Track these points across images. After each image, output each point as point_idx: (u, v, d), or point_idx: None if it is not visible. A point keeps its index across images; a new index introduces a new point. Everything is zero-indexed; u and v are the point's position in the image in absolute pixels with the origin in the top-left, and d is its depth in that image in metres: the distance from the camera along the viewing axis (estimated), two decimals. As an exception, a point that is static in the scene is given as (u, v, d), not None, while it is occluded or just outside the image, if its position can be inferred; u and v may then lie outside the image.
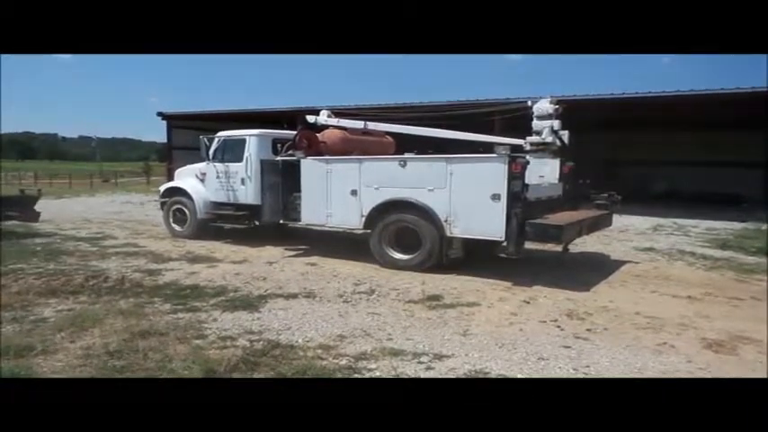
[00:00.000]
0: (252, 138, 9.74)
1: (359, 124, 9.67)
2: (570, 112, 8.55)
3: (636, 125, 20.41)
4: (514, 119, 9.53)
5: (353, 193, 8.03)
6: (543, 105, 8.22)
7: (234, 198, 9.92)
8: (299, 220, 8.95)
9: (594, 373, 4.01)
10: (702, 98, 14.90)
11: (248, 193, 9.66)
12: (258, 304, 5.78)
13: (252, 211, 9.67)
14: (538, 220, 6.77)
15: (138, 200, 20.63)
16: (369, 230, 8.05)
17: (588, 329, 5.04)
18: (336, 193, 8.24)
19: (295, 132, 9.23)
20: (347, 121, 9.72)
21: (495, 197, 6.70)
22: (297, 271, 7.60)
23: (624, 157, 21.37)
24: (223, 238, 10.27)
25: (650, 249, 9.64)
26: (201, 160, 10.43)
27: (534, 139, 8.26)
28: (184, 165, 11.62)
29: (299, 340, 4.66)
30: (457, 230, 7.18)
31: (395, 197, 7.65)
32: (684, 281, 7.20)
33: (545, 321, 5.30)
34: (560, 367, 4.11)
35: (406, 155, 8.13)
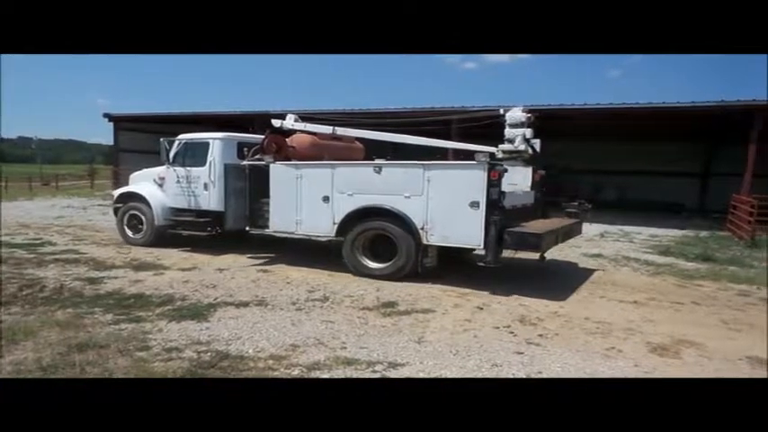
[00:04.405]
0: (216, 141, 9.37)
1: (327, 129, 9.39)
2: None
3: (586, 135, 21.13)
4: (480, 127, 9.57)
5: (326, 199, 7.79)
6: (516, 114, 8.20)
7: (195, 204, 9.52)
8: (267, 228, 8.55)
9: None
10: (647, 111, 15.62)
11: (211, 199, 9.30)
12: (207, 313, 5.57)
13: (215, 217, 9.27)
14: (516, 228, 6.72)
15: (81, 204, 19.62)
16: (341, 238, 7.80)
17: (540, 335, 5.12)
18: (307, 199, 7.98)
19: (262, 136, 8.93)
20: (315, 125, 9.43)
21: (474, 204, 6.64)
22: (249, 278, 7.40)
23: (574, 167, 22.04)
24: (180, 245, 9.83)
25: (598, 256, 9.95)
26: (160, 163, 9.93)
27: (507, 147, 8.20)
28: (132, 168, 11.11)
29: (250, 350, 4.50)
30: (434, 238, 7.07)
31: (369, 204, 7.45)
32: (630, 286, 7.45)
33: (498, 327, 5.35)
34: (513, 373, 4.14)
35: (378, 161, 7.97)
